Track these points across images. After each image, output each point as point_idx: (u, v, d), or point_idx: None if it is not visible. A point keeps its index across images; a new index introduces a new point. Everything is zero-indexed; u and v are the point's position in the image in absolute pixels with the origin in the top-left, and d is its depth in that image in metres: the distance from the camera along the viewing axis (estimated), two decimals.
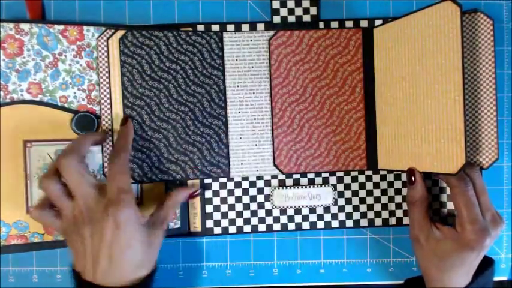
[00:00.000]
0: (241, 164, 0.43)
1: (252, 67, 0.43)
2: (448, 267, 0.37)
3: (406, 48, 0.39)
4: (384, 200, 0.44)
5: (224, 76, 0.43)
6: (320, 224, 0.44)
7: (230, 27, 0.43)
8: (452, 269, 0.37)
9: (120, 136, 0.39)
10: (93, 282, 0.33)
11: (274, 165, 0.43)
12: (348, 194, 0.44)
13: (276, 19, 0.44)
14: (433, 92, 0.37)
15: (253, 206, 0.44)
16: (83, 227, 0.33)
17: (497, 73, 0.44)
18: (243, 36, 0.43)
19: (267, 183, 0.44)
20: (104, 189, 0.34)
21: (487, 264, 0.40)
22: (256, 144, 0.43)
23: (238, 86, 0.43)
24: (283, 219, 0.44)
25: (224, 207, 0.44)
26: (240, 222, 0.44)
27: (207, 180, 0.44)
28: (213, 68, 0.42)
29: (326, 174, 0.44)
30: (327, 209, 0.44)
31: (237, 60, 0.43)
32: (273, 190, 0.44)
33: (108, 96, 0.41)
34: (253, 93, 0.43)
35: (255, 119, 0.43)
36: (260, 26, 0.43)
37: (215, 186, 0.44)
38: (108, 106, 0.41)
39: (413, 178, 0.39)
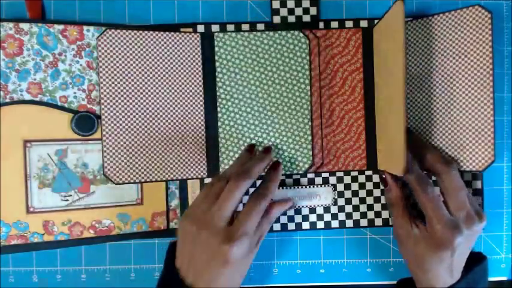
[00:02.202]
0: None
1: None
2: (428, 267, 0.37)
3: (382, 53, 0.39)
4: (384, 200, 0.44)
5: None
6: (320, 224, 0.44)
7: (230, 27, 0.43)
8: (432, 269, 0.37)
9: (272, 179, 0.39)
10: (193, 286, 0.34)
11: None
12: (348, 194, 0.44)
13: (276, 19, 0.44)
14: (392, 98, 0.38)
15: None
16: (203, 232, 0.34)
17: (497, 73, 0.44)
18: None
19: None
20: (234, 220, 0.36)
21: (479, 260, 0.41)
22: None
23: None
24: (283, 219, 0.44)
25: None
26: None
27: (207, 180, 0.44)
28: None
29: (326, 174, 0.44)
30: (327, 209, 0.44)
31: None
32: None
33: (108, 96, 0.41)
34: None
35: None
36: (260, 26, 0.43)
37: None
38: (108, 106, 0.41)
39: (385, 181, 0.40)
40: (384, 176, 0.41)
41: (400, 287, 0.41)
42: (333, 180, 0.44)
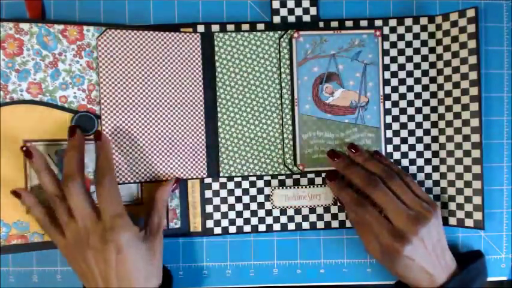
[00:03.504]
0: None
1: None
2: (402, 275, 0.38)
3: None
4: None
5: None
6: (320, 224, 0.44)
7: (230, 27, 0.43)
8: (406, 276, 0.38)
9: (100, 156, 0.37)
10: None
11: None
12: None
13: (276, 19, 0.44)
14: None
15: (253, 206, 0.44)
16: (86, 251, 0.34)
17: (497, 73, 0.45)
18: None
19: (267, 183, 0.44)
20: (99, 212, 0.35)
21: (476, 258, 0.41)
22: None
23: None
24: (283, 219, 0.44)
25: (224, 207, 0.44)
26: (240, 222, 0.44)
27: (207, 180, 0.44)
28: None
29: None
30: (327, 209, 0.44)
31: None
32: (273, 190, 0.44)
33: (108, 96, 0.41)
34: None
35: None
36: (260, 26, 0.43)
37: (215, 186, 0.44)
38: (108, 106, 0.41)
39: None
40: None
41: (399, 287, 0.41)
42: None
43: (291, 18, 0.44)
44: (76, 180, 0.35)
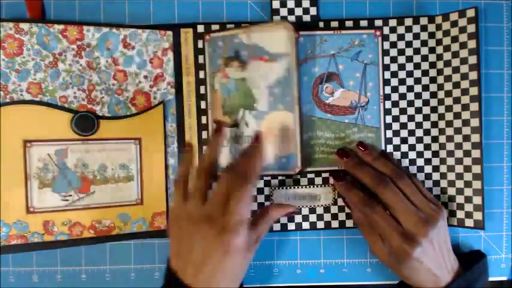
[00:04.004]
0: None
1: None
2: (408, 276, 0.38)
3: None
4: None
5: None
6: (320, 224, 0.44)
7: (230, 27, 0.43)
8: (411, 277, 0.38)
9: (252, 158, 0.37)
10: (191, 286, 0.33)
11: None
12: None
13: (276, 19, 0.44)
14: None
15: (254, 206, 0.44)
16: (197, 230, 0.34)
17: (497, 73, 0.45)
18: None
19: (267, 183, 0.44)
20: (227, 208, 0.34)
21: (478, 258, 0.41)
22: None
23: None
24: (283, 219, 0.44)
25: None
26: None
27: None
28: None
29: (326, 174, 0.44)
30: (327, 209, 0.44)
31: None
32: (273, 190, 0.44)
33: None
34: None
35: None
36: None
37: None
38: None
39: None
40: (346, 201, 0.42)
41: (402, 287, 0.41)
42: (333, 180, 0.44)
43: (291, 18, 0.44)
44: (249, 183, 0.35)
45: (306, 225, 0.44)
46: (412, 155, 0.44)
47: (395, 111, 0.44)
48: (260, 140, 0.38)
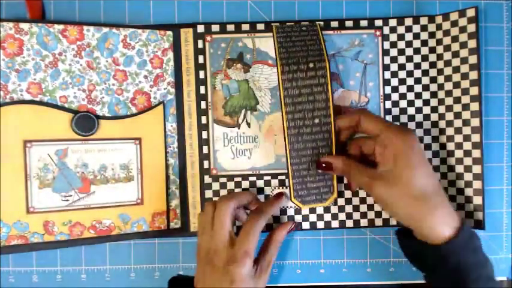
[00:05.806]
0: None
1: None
2: (418, 185, 0.35)
3: None
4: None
5: None
6: (320, 224, 0.44)
7: (230, 27, 0.43)
8: (422, 176, 0.35)
9: (271, 203, 0.41)
10: None
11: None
12: (348, 194, 0.44)
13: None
14: None
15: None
16: (207, 264, 0.37)
17: (497, 73, 0.45)
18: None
19: (267, 183, 0.44)
20: (234, 240, 0.37)
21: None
22: None
23: None
24: (283, 219, 0.44)
25: None
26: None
27: (207, 180, 0.44)
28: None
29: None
30: (327, 209, 0.44)
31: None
32: (273, 190, 0.44)
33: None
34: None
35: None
36: (260, 26, 0.43)
37: (215, 186, 0.44)
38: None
39: (323, 165, 0.40)
40: (323, 165, 0.40)
41: (399, 236, 0.39)
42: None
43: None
44: (261, 218, 0.39)
45: (306, 225, 0.44)
46: None
47: (395, 111, 0.44)
48: (280, 199, 0.42)
